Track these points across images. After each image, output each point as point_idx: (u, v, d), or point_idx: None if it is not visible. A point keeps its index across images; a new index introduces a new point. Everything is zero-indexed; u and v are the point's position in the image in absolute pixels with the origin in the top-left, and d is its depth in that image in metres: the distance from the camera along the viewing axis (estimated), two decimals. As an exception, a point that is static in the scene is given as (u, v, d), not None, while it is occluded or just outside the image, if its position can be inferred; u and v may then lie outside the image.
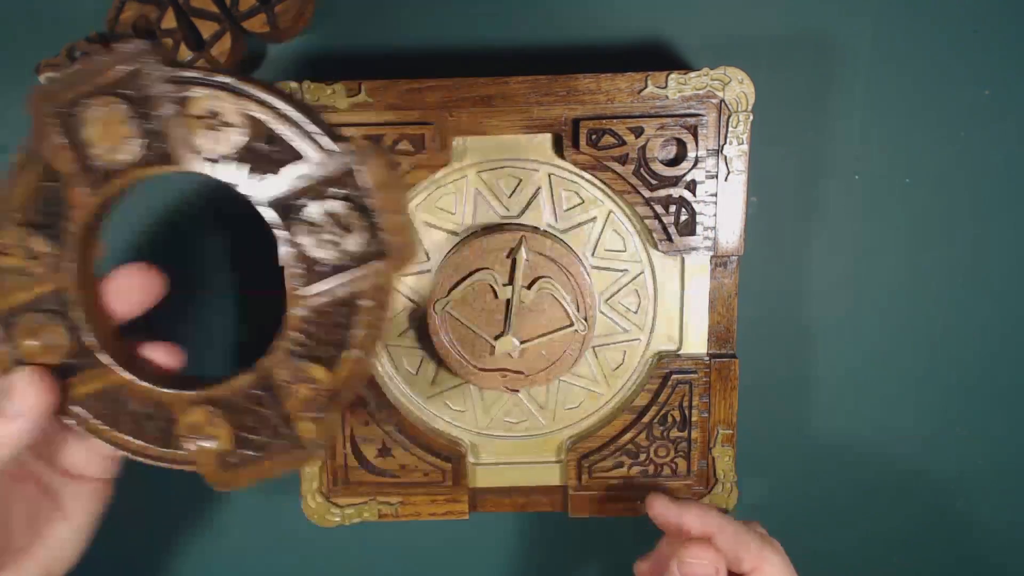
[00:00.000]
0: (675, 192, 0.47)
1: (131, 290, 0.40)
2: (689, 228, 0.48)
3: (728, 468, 0.51)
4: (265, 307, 0.49)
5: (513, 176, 0.48)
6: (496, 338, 0.48)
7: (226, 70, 0.38)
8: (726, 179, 0.47)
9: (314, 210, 0.36)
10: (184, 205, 0.53)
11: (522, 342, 0.48)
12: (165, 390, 0.39)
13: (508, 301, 0.48)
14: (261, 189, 0.36)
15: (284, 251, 0.37)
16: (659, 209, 0.47)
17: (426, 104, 0.46)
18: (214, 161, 0.36)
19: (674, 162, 0.47)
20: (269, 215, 0.36)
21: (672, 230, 0.48)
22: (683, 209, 0.48)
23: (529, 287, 0.48)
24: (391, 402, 0.50)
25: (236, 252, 0.54)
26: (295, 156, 0.35)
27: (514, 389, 0.50)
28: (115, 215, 0.39)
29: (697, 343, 0.50)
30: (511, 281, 0.48)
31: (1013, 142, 0.53)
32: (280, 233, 0.36)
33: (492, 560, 0.61)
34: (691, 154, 0.47)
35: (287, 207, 0.36)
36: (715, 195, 0.47)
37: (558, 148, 0.48)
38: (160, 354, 0.41)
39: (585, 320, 0.48)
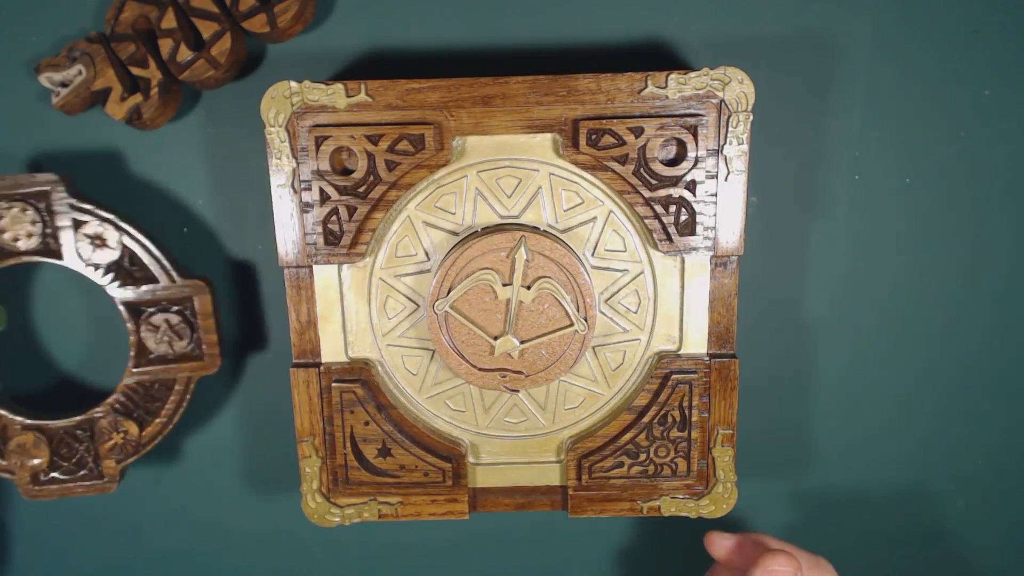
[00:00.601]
0: (675, 192, 0.47)
1: None
2: (689, 228, 0.48)
3: (728, 468, 0.51)
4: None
5: (513, 176, 0.48)
6: (496, 338, 0.48)
7: (112, 209, 0.51)
8: (726, 179, 0.47)
9: (158, 318, 0.52)
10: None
11: (522, 342, 0.48)
12: (4, 413, 0.53)
13: (508, 301, 0.48)
14: (121, 293, 0.51)
15: (131, 339, 0.52)
16: (659, 209, 0.47)
17: (426, 104, 0.46)
18: (93, 267, 0.51)
19: (674, 162, 0.47)
20: (123, 313, 0.51)
21: (672, 230, 0.48)
22: (683, 209, 0.48)
23: (529, 287, 0.48)
24: (391, 402, 0.50)
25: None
26: (151, 279, 0.51)
27: (514, 389, 0.50)
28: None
29: (697, 343, 0.50)
30: (511, 281, 0.48)
31: (1013, 142, 0.53)
32: (129, 326, 0.51)
33: (492, 560, 0.61)
34: (691, 154, 0.47)
35: (138, 310, 0.51)
36: (715, 195, 0.47)
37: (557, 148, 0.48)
38: None
39: (585, 320, 0.48)
